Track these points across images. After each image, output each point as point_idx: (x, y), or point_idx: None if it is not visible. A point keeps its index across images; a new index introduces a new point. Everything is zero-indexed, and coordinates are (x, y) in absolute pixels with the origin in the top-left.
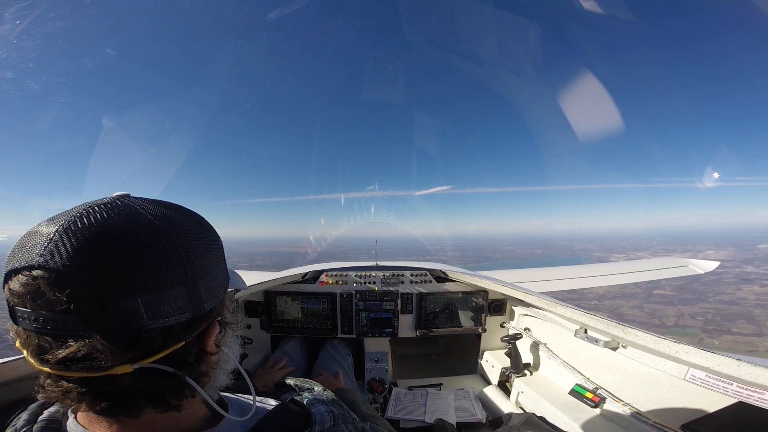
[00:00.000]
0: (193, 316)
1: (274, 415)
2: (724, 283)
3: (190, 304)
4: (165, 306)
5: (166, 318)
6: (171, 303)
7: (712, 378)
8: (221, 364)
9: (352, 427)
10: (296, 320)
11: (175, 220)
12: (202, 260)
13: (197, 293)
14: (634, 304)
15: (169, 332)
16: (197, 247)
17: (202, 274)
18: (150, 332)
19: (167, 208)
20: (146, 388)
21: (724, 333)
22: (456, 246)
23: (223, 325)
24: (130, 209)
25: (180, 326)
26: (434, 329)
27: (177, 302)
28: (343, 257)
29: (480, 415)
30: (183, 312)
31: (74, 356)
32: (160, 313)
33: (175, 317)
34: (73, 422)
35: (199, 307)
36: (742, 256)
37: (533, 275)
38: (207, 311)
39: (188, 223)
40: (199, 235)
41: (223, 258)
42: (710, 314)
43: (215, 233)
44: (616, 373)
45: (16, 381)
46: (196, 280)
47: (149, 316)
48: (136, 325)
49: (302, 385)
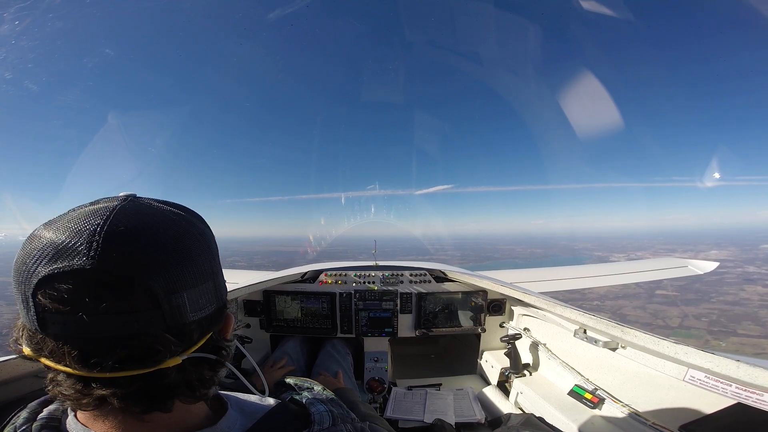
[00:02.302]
0: (218, 307)
1: (273, 414)
2: (726, 284)
3: (216, 296)
4: (201, 299)
5: (203, 310)
6: (204, 296)
7: (711, 379)
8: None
9: (351, 427)
10: (295, 320)
11: (191, 219)
12: (217, 256)
13: (219, 286)
14: (636, 304)
15: (203, 324)
16: (212, 243)
17: (219, 268)
18: (191, 324)
19: (177, 208)
20: (184, 381)
21: (730, 335)
22: (456, 245)
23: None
24: (154, 209)
25: (210, 318)
26: (433, 329)
27: (208, 295)
28: (343, 257)
29: (479, 415)
30: (212, 304)
31: (131, 355)
32: (198, 306)
33: (207, 309)
34: (73, 420)
35: (221, 299)
36: (743, 256)
37: (533, 275)
38: (225, 303)
39: (199, 221)
40: (210, 233)
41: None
42: (715, 315)
43: (208, 228)
44: (615, 374)
45: (16, 380)
46: (216, 274)
47: (192, 309)
48: (182, 319)
49: (302, 385)
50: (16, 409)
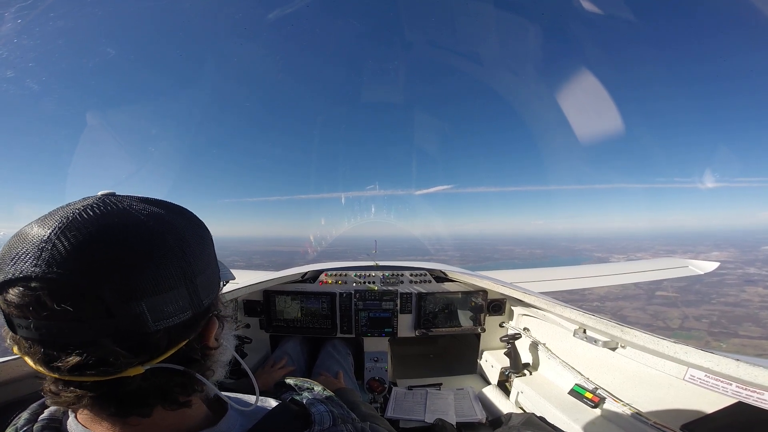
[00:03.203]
0: (194, 313)
1: (273, 415)
2: (727, 285)
3: (190, 302)
4: (168, 307)
5: (170, 318)
6: (173, 303)
7: (712, 378)
8: (220, 358)
9: (351, 427)
10: (295, 320)
11: (167, 219)
12: (198, 257)
13: (196, 291)
14: (636, 305)
15: (173, 332)
16: (192, 244)
17: (199, 271)
18: (156, 333)
19: (157, 206)
20: (156, 388)
21: (731, 336)
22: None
23: (221, 320)
24: (122, 210)
25: (183, 325)
26: (433, 329)
27: (178, 302)
28: (343, 257)
29: (480, 415)
30: (185, 311)
31: (86, 363)
32: (164, 315)
33: (178, 317)
34: (74, 421)
35: (198, 305)
36: (743, 257)
37: (533, 275)
38: (206, 308)
39: (180, 220)
40: (193, 232)
41: (215, 252)
42: (715, 316)
43: (206, 228)
44: (615, 374)
45: (16, 381)
46: (194, 278)
47: (154, 318)
48: (142, 329)
49: (302, 385)
50: (16, 409)
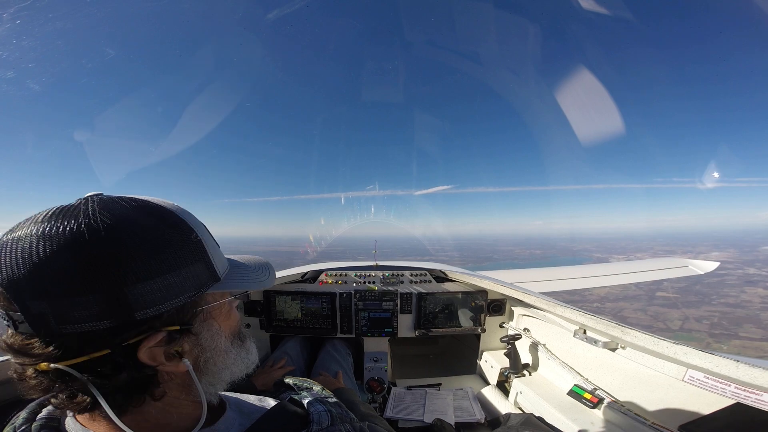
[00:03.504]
0: (119, 324)
1: (272, 414)
2: (727, 285)
3: (110, 311)
4: (75, 312)
5: (79, 324)
6: (82, 309)
7: (711, 379)
8: (199, 374)
9: (350, 427)
10: (296, 320)
11: (114, 224)
12: (138, 265)
13: (122, 301)
14: (637, 306)
15: (86, 338)
16: (132, 251)
17: (132, 280)
18: (64, 336)
19: (126, 208)
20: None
21: (732, 337)
22: (456, 246)
23: (179, 336)
24: (70, 214)
25: (100, 333)
26: (433, 329)
27: (91, 309)
28: (343, 257)
29: (479, 415)
30: (100, 320)
31: (9, 346)
32: (71, 319)
33: (90, 324)
34: (72, 420)
35: (126, 315)
36: (743, 257)
37: (533, 275)
38: (140, 320)
39: (137, 224)
40: (146, 237)
41: (194, 259)
42: (716, 318)
43: (182, 233)
44: (614, 374)
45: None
46: (120, 287)
47: (58, 321)
48: (46, 328)
49: (301, 385)
50: (14, 409)
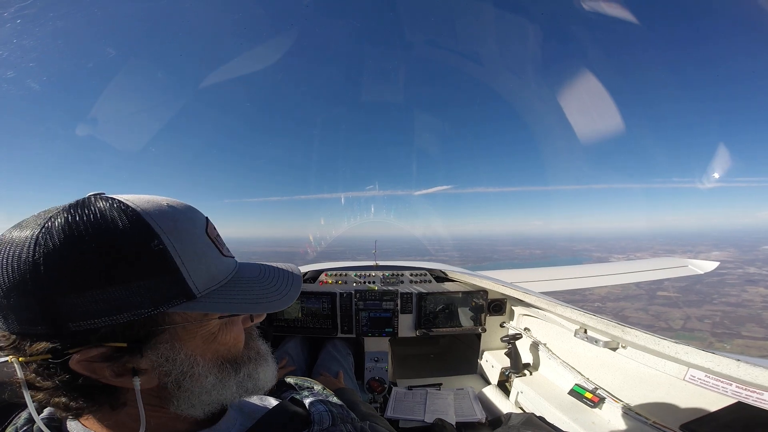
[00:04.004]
0: (52, 332)
1: (273, 414)
2: (728, 285)
3: (43, 318)
4: (13, 314)
5: (19, 325)
6: (18, 312)
7: (712, 378)
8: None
9: (351, 427)
10: (296, 320)
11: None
12: (74, 276)
13: (53, 309)
14: (638, 306)
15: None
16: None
17: (66, 290)
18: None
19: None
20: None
21: (734, 337)
22: (455, 246)
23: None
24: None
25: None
26: (434, 329)
27: (25, 313)
28: (343, 257)
29: (479, 415)
30: (35, 324)
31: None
32: (7, 318)
33: (25, 327)
34: (73, 420)
35: (59, 325)
36: (743, 257)
37: (533, 275)
38: (74, 331)
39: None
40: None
41: (151, 273)
42: (718, 317)
43: (138, 243)
44: (615, 374)
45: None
46: (54, 296)
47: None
48: None
49: (302, 384)
50: (16, 409)
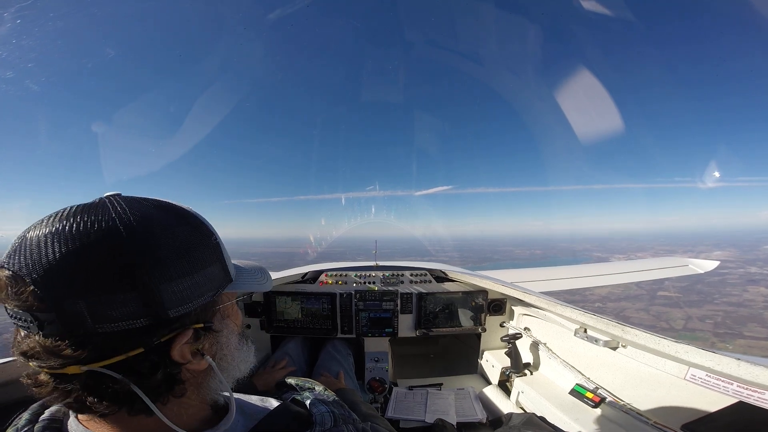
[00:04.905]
0: (153, 322)
1: (275, 415)
2: (729, 284)
3: (145, 310)
4: (112, 311)
5: (116, 323)
6: (120, 308)
7: (713, 377)
8: (212, 372)
9: (352, 428)
10: (296, 320)
11: (145, 222)
12: (169, 267)
13: (157, 299)
14: (639, 306)
15: (121, 337)
16: (164, 249)
17: (165, 278)
18: (99, 336)
19: (151, 207)
20: (101, 395)
21: (737, 337)
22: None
23: (203, 334)
24: (100, 211)
25: (135, 332)
26: (434, 329)
27: (128, 307)
28: (343, 257)
29: (480, 414)
30: (137, 318)
31: (30, 351)
32: (107, 318)
33: (127, 323)
34: (74, 422)
35: (159, 313)
36: (744, 256)
37: (533, 275)
38: (173, 318)
39: (165, 224)
40: (176, 237)
41: (214, 260)
42: (719, 317)
43: (203, 234)
44: (616, 373)
45: (17, 381)
46: (156, 285)
47: (94, 319)
48: (81, 328)
49: (303, 385)
50: (16, 410)
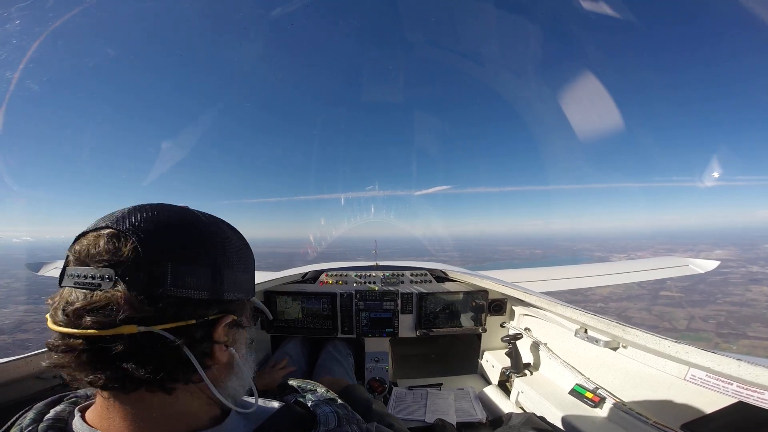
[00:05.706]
0: (211, 298)
1: (278, 416)
2: (731, 284)
3: (211, 285)
4: (189, 278)
5: (187, 290)
6: (194, 278)
7: (713, 378)
8: (233, 369)
9: (356, 428)
10: (296, 320)
11: (220, 225)
12: (232, 258)
13: (220, 279)
14: (641, 306)
15: (183, 305)
16: (230, 247)
17: (228, 265)
18: (167, 299)
19: (220, 220)
20: (142, 360)
21: (740, 337)
22: (456, 246)
23: (237, 324)
24: (188, 210)
25: (195, 302)
26: (434, 329)
27: (200, 279)
28: (343, 257)
29: (480, 415)
30: (202, 290)
31: (92, 307)
32: (183, 284)
33: (194, 292)
34: (79, 421)
35: (218, 292)
36: (745, 255)
37: (533, 275)
38: (225, 300)
39: (231, 229)
40: (236, 243)
41: (252, 271)
42: (722, 317)
43: (250, 249)
44: (616, 373)
45: (17, 381)
46: (222, 269)
47: (173, 282)
48: (157, 288)
49: (305, 387)
50: (17, 410)
